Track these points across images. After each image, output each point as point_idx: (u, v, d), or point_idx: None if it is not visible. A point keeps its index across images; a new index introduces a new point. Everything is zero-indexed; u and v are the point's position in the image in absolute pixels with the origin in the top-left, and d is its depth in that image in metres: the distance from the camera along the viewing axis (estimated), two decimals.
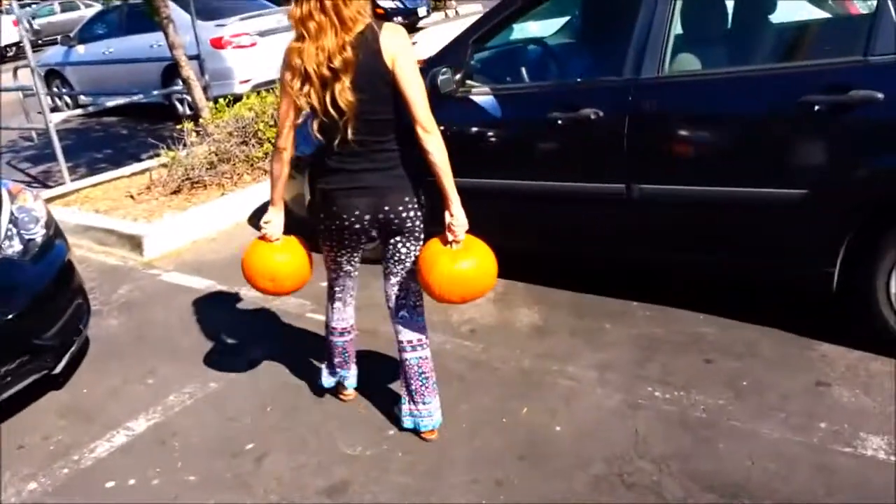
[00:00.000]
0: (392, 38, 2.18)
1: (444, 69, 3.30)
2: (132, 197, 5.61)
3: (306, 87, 2.18)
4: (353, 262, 2.59)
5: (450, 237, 2.31)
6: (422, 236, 2.44)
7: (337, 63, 2.12)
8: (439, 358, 3.05)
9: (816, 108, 2.53)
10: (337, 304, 2.68)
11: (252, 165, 5.78)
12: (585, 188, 3.15)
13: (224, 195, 5.42)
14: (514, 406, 2.69)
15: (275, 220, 2.53)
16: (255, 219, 5.20)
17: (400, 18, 15.56)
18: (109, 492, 2.50)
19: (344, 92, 2.14)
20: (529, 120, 3.27)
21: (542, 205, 3.34)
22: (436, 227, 2.40)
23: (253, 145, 5.83)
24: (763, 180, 2.72)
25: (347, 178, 2.31)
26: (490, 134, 3.41)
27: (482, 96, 3.38)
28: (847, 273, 2.70)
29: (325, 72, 2.14)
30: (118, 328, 3.75)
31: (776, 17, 3.47)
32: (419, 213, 2.39)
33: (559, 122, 3.11)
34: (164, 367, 3.28)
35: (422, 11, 16.18)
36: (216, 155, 5.71)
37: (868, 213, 2.57)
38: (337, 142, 2.23)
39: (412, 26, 15.98)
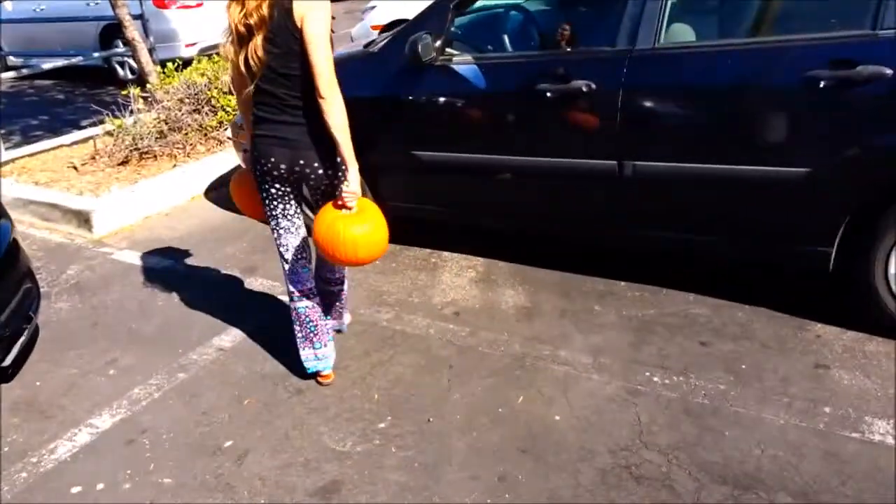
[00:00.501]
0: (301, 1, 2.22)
1: (424, 35, 3.10)
2: (75, 168, 5.23)
3: (229, 43, 2.34)
4: (288, 216, 2.56)
5: (342, 202, 2.35)
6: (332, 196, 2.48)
7: (252, 20, 2.24)
8: (424, 342, 2.92)
9: (822, 83, 2.45)
10: (286, 266, 2.62)
11: (206, 135, 5.46)
12: (574, 164, 3.02)
13: (177, 167, 5.10)
14: (509, 395, 2.57)
15: (353, 182, 2.34)
16: (213, 192, 4.92)
17: None
18: (76, 498, 2.28)
19: (256, 48, 2.26)
20: (516, 91, 3.09)
21: (528, 181, 3.20)
22: None
23: (206, 113, 5.50)
24: (763, 158, 2.64)
25: (268, 128, 2.41)
26: (473, 105, 3.23)
27: (465, 65, 3.20)
28: (844, 253, 2.65)
29: (242, 28, 2.27)
30: (70, 313, 3.47)
31: None
32: (339, 172, 2.42)
33: (548, 94, 2.95)
34: (125, 356, 3.03)
35: None
36: (166, 123, 5.36)
37: (870, 192, 2.51)
38: (253, 92, 2.37)
39: None
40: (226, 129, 5.37)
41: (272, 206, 2.54)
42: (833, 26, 2.60)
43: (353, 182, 2.33)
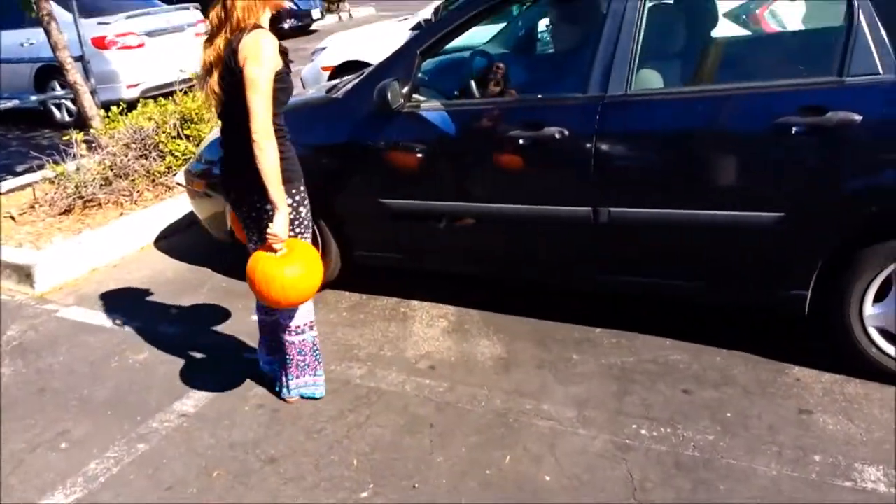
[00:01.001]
0: (246, 42, 2.32)
1: (392, 82, 3.04)
2: (13, 218, 4.94)
3: (201, 78, 2.50)
4: (252, 239, 2.65)
5: (275, 245, 2.44)
6: (299, 232, 2.60)
7: (211, 58, 2.42)
8: (401, 400, 2.80)
9: (793, 129, 2.48)
10: None
11: (154, 181, 5.25)
12: (548, 211, 2.98)
13: (123, 215, 4.87)
14: (495, 455, 2.47)
15: (277, 224, 2.42)
16: (164, 241, 4.71)
17: (293, 20, 15.01)
18: None
19: (213, 84, 2.44)
20: (487, 138, 3.06)
21: (500, 228, 3.14)
22: None
23: (154, 159, 5.29)
24: (736, 203, 2.65)
25: (226, 157, 2.60)
26: (442, 152, 3.17)
27: (433, 111, 3.14)
28: (819, 296, 2.67)
29: (207, 66, 2.45)
30: (13, 379, 3.21)
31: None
32: (291, 208, 2.52)
33: (520, 140, 2.92)
34: (78, 427, 2.82)
35: (315, 14, 15.70)
36: (112, 169, 5.14)
37: (843, 236, 2.54)
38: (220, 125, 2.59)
39: (306, 28, 15.49)
40: (175, 175, 5.18)
41: (244, 227, 2.67)
42: (801, 73, 2.65)
43: (277, 224, 2.40)
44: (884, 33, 2.40)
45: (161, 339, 3.42)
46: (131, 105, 5.90)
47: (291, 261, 2.43)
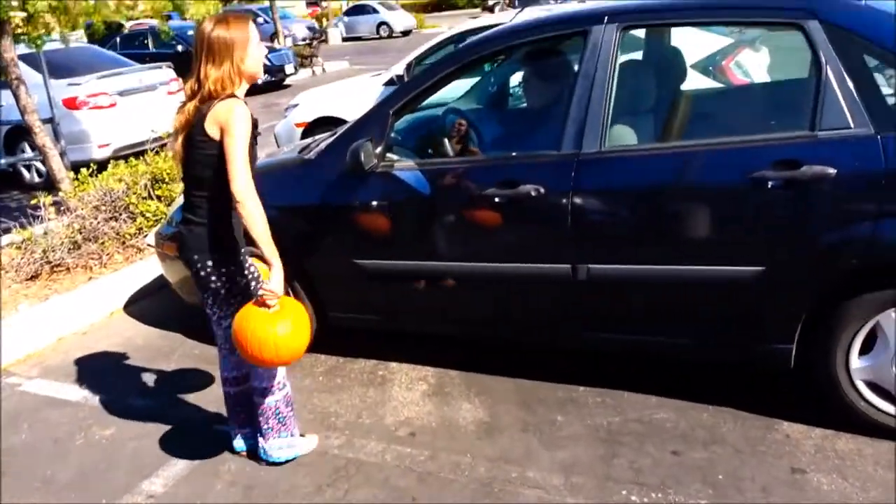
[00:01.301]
0: (218, 109, 2.33)
1: (365, 143, 3.01)
2: None
3: (172, 140, 2.51)
4: (212, 307, 2.61)
5: (269, 301, 2.40)
6: (231, 300, 2.53)
7: (180, 122, 2.42)
8: (381, 472, 2.69)
9: (770, 183, 2.47)
10: (219, 351, 2.76)
11: (124, 243, 5.15)
12: (527, 269, 2.93)
13: (92, 280, 4.75)
14: None
15: (274, 280, 2.40)
16: (134, 305, 4.58)
17: (266, 75, 15.12)
18: None
19: (178, 148, 2.45)
20: (462, 197, 3.02)
21: (479, 287, 3.09)
22: None
23: (124, 220, 5.20)
24: (717, 258, 2.62)
25: (182, 222, 2.55)
26: (418, 212, 3.12)
27: (407, 171, 3.11)
28: (804, 350, 2.63)
29: (176, 128, 2.45)
30: None
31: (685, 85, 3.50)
32: (219, 275, 2.48)
33: (496, 199, 2.89)
34: None
35: (289, 69, 15.83)
36: (80, 233, 5.03)
37: (824, 289, 2.51)
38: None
39: (280, 83, 15.59)
40: (145, 236, 5.08)
41: (211, 303, 2.62)
42: (773, 127, 2.66)
43: (274, 280, 2.38)
44: (852, 87, 2.42)
45: (129, 413, 3.28)
46: (102, 166, 5.82)
47: (283, 317, 2.39)
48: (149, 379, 3.60)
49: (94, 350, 3.99)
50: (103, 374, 3.69)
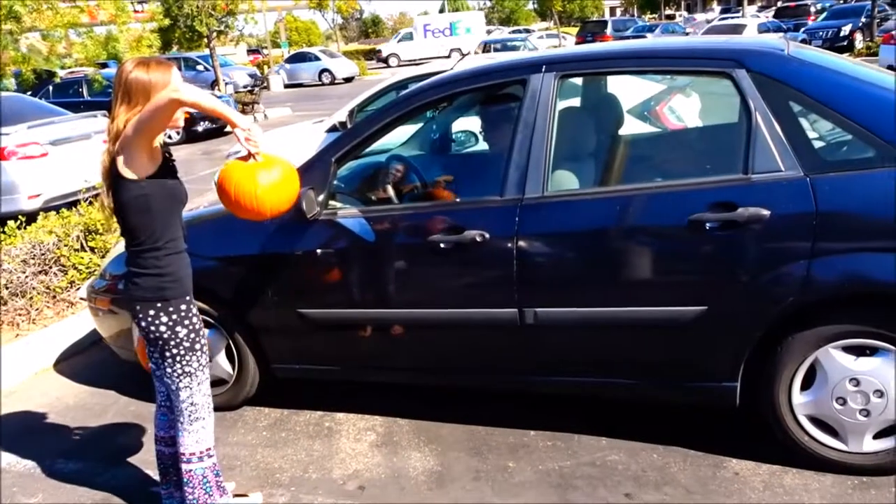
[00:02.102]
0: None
1: (307, 191, 2.97)
2: None
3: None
4: (154, 360, 2.51)
5: (252, 149, 2.29)
6: (177, 352, 2.40)
7: (102, 171, 2.31)
8: None
9: (708, 225, 2.53)
10: (157, 408, 2.67)
11: (54, 297, 4.93)
12: (474, 315, 2.91)
13: (20, 337, 4.52)
14: None
15: (242, 121, 2.26)
16: (65, 362, 4.36)
17: (206, 123, 14.96)
18: None
19: (104, 197, 2.35)
20: (406, 243, 3.00)
21: (425, 334, 3.06)
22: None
23: (55, 274, 4.99)
24: (660, 299, 2.66)
25: (124, 274, 2.47)
26: (362, 259, 3.09)
27: (351, 218, 3.08)
28: (748, 387, 2.67)
29: (102, 179, 2.34)
30: None
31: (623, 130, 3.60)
32: (161, 324, 2.37)
33: (441, 245, 2.88)
34: None
35: None
36: (7, 288, 4.79)
37: (764, 326, 2.56)
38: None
39: (221, 130, 15.42)
40: (78, 290, 4.88)
41: (155, 357, 2.50)
42: (709, 170, 2.74)
43: (242, 121, 2.25)
44: (780, 132, 2.52)
45: (58, 477, 3.09)
46: (32, 217, 5.60)
47: (269, 167, 2.35)
48: (79, 440, 3.41)
49: (21, 411, 3.77)
50: (30, 436, 3.48)
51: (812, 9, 28.08)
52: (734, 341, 2.61)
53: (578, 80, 3.38)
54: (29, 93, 11.04)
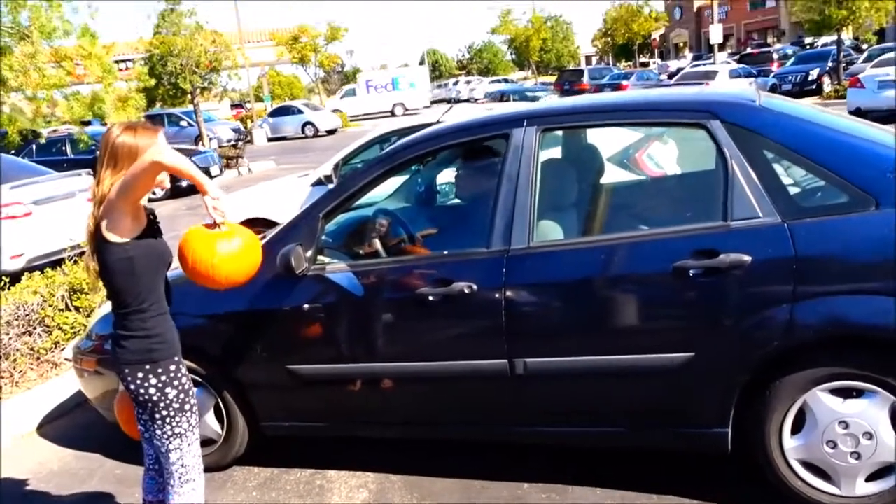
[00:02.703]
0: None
1: (295, 247, 3.00)
2: None
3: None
4: (143, 422, 2.50)
5: (217, 217, 2.25)
6: (167, 414, 2.39)
7: (87, 234, 2.35)
8: None
9: (691, 272, 2.58)
10: (145, 472, 2.66)
11: (38, 359, 4.87)
12: (463, 367, 2.92)
13: (1, 401, 4.44)
14: None
15: (212, 189, 2.23)
16: (49, 426, 4.28)
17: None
18: None
19: (88, 260, 2.38)
20: (395, 297, 3.02)
21: (416, 388, 3.05)
22: None
23: (39, 335, 4.94)
24: (647, 346, 2.68)
25: (111, 337, 2.45)
26: (351, 314, 3.10)
27: (339, 273, 3.10)
28: (740, 432, 2.68)
29: (87, 241, 2.37)
30: None
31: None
32: (150, 387, 2.35)
33: (430, 297, 2.90)
34: None
35: (214, 170, 15.77)
36: None
37: (752, 372, 2.59)
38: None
39: None
40: (63, 350, 4.83)
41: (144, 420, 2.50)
42: (689, 218, 2.80)
43: (212, 189, 2.21)
44: (756, 180, 2.59)
45: None
46: (16, 278, 5.57)
47: (230, 237, 2.29)
48: None
49: (2, 477, 3.68)
50: None
51: (774, 55, 29.02)
52: (722, 387, 2.63)
53: (559, 133, 3.46)
54: (12, 152, 11.07)
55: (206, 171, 15.44)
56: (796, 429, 2.60)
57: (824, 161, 2.57)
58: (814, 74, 21.86)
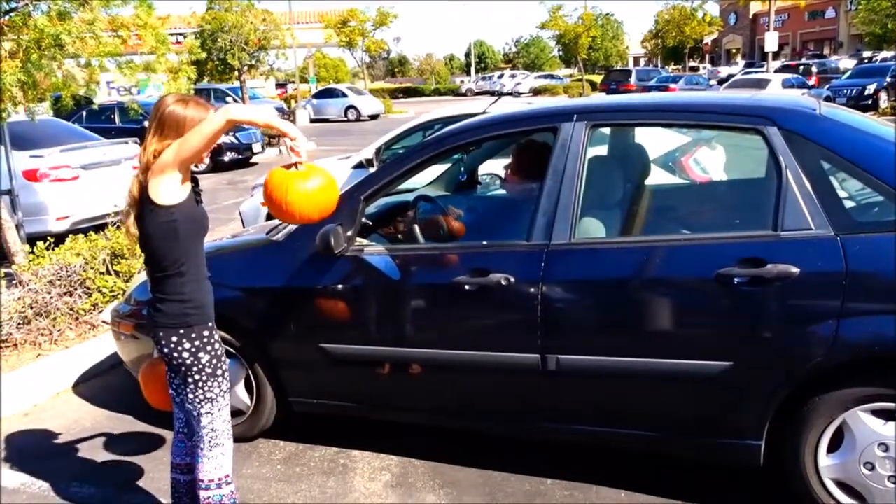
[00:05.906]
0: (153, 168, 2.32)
1: (335, 227, 3.00)
2: None
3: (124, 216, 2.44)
4: (175, 386, 2.55)
5: (294, 158, 2.37)
6: (199, 378, 2.43)
7: (128, 199, 2.38)
8: None
9: (736, 280, 2.52)
10: (175, 435, 2.69)
11: (77, 319, 4.98)
12: (495, 358, 2.90)
13: (41, 357, 4.56)
14: None
15: (292, 130, 2.33)
16: (83, 385, 4.38)
17: (234, 153, 15.21)
18: None
19: (129, 225, 2.40)
20: (431, 283, 3.02)
21: (445, 375, 3.04)
22: None
23: (80, 296, 5.05)
24: (685, 352, 2.64)
25: (148, 301, 2.52)
26: (386, 297, 3.10)
27: (377, 256, 3.10)
28: (774, 446, 2.62)
29: (128, 206, 2.40)
30: None
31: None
32: (184, 350, 2.40)
33: (466, 287, 2.88)
34: None
35: (256, 147, 15.93)
36: (32, 308, 4.85)
37: (791, 385, 2.53)
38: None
39: (246, 161, 15.67)
40: (101, 313, 4.93)
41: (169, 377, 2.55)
42: (738, 225, 2.74)
43: (292, 131, 2.32)
44: (811, 190, 2.52)
45: (72, 501, 3.08)
46: (60, 239, 5.70)
47: (306, 177, 2.39)
48: (94, 464, 3.41)
49: (37, 433, 3.78)
50: (45, 458, 3.48)
51: (814, 68, 28.10)
52: (760, 399, 2.58)
53: (607, 130, 3.42)
54: (63, 118, 11.31)
55: (249, 148, 15.63)
56: (832, 448, 2.54)
57: (885, 176, 2.48)
58: (871, 89, 21.24)
